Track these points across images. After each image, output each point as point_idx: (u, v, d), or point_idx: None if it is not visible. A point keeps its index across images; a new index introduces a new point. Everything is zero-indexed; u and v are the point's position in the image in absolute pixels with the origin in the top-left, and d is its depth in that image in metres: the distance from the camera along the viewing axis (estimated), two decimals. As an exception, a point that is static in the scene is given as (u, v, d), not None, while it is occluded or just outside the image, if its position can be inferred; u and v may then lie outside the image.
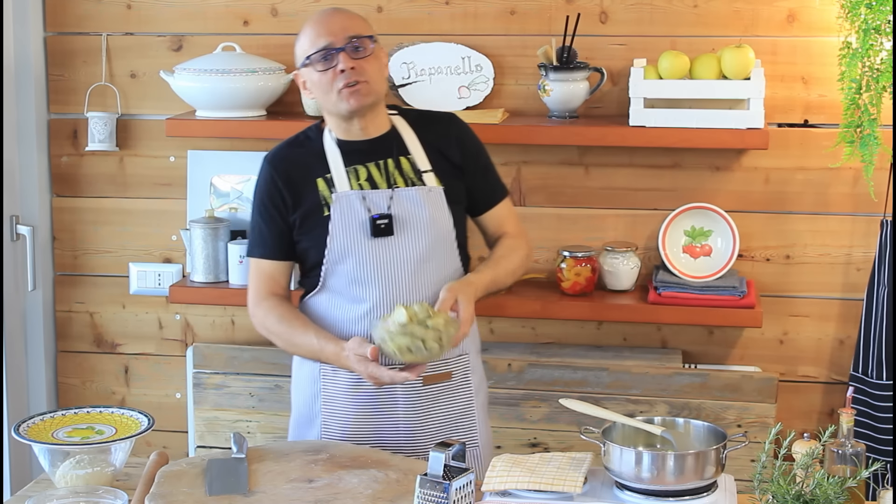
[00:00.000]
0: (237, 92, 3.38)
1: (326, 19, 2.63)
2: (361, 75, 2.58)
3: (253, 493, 2.29)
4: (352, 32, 2.59)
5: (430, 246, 2.63)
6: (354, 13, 2.68)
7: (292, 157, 2.70)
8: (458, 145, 2.72)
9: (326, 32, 2.59)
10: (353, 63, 2.57)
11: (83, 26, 3.64)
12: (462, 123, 2.77)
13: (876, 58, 3.06)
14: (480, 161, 2.76)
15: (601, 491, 2.31)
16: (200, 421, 3.50)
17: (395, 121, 2.71)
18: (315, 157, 2.67)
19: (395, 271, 2.61)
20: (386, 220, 2.60)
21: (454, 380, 2.69)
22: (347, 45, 2.58)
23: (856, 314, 3.36)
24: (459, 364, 2.69)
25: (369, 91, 2.60)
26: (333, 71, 2.58)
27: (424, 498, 2.10)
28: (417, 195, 2.63)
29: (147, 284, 3.69)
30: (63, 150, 3.71)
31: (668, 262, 3.35)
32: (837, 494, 2.12)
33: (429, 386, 2.65)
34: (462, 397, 2.70)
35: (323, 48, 2.58)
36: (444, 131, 2.73)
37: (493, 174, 2.80)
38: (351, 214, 2.61)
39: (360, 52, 2.59)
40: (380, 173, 2.65)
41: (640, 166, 3.44)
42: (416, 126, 2.71)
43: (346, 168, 2.65)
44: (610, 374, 3.30)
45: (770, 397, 3.24)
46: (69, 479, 2.39)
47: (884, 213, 3.30)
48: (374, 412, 2.65)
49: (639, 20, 3.39)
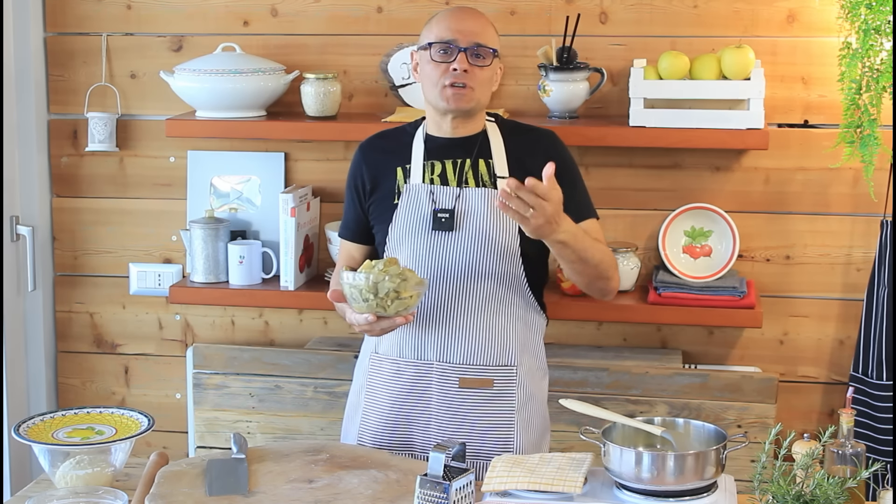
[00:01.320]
0: (237, 92, 3.38)
1: (461, 15, 2.68)
2: (471, 80, 2.63)
3: (253, 494, 2.29)
4: (479, 39, 2.65)
5: (488, 247, 2.64)
6: (489, 21, 2.72)
7: (381, 145, 2.80)
8: (544, 159, 2.60)
9: (456, 28, 2.65)
10: (467, 66, 2.62)
11: (83, 26, 3.64)
12: (556, 140, 2.76)
13: (876, 58, 3.06)
14: (566, 176, 2.62)
15: (601, 491, 2.31)
16: (200, 421, 3.50)
17: (488, 126, 2.74)
18: (402, 147, 2.74)
19: (449, 266, 2.64)
20: (447, 214, 2.64)
21: (495, 388, 2.66)
22: (470, 47, 2.63)
23: (856, 314, 3.36)
24: (504, 375, 2.66)
25: (472, 98, 2.64)
26: (447, 66, 2.63)
27: (424, 498, 2.10)
28: (485, 196, 2.65)
29: (147, 285, 3.69)
30: (63, 150, 3.71)
31: (668, 262, 3.35)
32: (837, 495, 2.12)
33: (465, 389, 2.65)
34: (502, 409, 2.66)
35: (447, 41, 2.64)
36: (534, 143, 2.73)
37: (582, 194, 2.74)
38: (416, 206, 2.67)
39: (478, 59, 2.64)
40: (454, 171, 2.69)
41: (640, 166, 3.44)
42: (507, 134, 2.73)
43: (424, 161, 2.70)
44: (610, 375, 3.30)
45: (770, 397, 3.24)
46: (69, 479, 2.39)
47: (884, 214, 3.30)
48: (410, 408, 2.66)
49: (638, 20, 3.39)
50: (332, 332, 3.64)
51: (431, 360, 2.65)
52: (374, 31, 3.50)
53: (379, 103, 3.54)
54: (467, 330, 2.64)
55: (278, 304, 3.48)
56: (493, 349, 2.66)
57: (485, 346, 2.65)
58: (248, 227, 3.60)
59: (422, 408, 2.66)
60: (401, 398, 2.67)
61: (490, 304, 2.65)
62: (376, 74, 3.52)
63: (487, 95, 2.71)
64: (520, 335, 2.69)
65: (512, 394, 2.67)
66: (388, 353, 2.70)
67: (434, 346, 2.65)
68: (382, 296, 2.47)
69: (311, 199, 3.51)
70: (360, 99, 3.55)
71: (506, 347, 2.67)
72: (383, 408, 2.69)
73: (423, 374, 2.65)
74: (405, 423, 2.67)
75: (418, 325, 2.65)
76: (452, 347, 2.64)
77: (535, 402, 2.72)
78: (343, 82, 3.49)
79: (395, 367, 2.68)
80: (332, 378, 3.38)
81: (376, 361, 2.72)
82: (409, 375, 2.66)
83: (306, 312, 3.64)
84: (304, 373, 3.42)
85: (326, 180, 3.56)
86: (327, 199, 3.57)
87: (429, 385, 2.65)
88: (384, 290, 2.47)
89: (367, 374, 2.74)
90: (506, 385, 2.66)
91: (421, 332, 2.66)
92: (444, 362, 2.64)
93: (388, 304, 2.48)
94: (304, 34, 3.53)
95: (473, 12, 2.73)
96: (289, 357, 3.43)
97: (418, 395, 2.66)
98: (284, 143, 3.57)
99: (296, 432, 3.43)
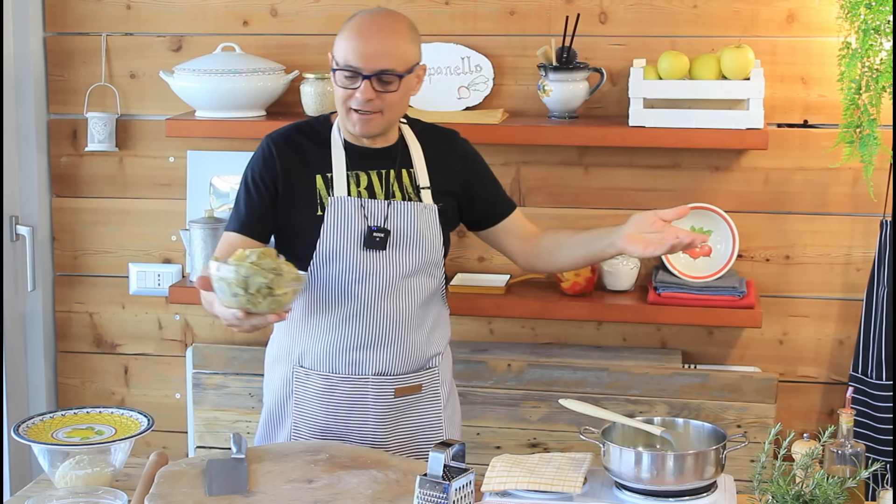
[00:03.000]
0: (237, 92, 3.38)
1: (366, 35, 2.51)
2: (378, 106, 2.53)
3: (252, 494, 2.29)
4: (384, 65, 2.49)
5: (418, 263, 2.63)
6: (403, 29, 2.55)
7: (296, 143, 2.64)
8: (461, 163, 2.70)
9: (361, 53, 2.49)
10: (373, 95, 2.51)
11: (83, 26, 3.64)
12: (465, 142, 2.76)
13: (875, 58, 3.06)
14: (488, 176, 2.76)
15: (601, 491, 2.31)
16: (200, 421, 3.50)
17: (403, 130, 2.69)
18: (319, 151, 2.62)
19: (380, 284, 2.60)
20: (382, 234, 2.58)
21: (424, 392, 2.68)
22: (374, 74, 2.50)
23: (855, 314, 3.36)
24: (429, 377, 2.69)
25: (380, 122, 2.56)
26: (353, 91, 2.52)
27: (424, 498, 2.10)
28: (413, 212, 2.62)
29: (147, 285, 3.69)
30: (63, 150, 3.71)
31: (668, 262, 3.35)
32: (837, 495, 2.12)
33: (399, 398, 2.65)
34: (431, 409, 2.70)
35: (350, 68, 2.51)
36: (449, 150, 2.71)
37: (500, 187, 2.80)
38: (346, 221, 2.59)
39: (385, 85, 2.52)
40: (380, 183, 2.63)
41: (640, 166, 3.44)
42: (422, 139, 2.69)
43: (347, 172, 2.62)
44: (609, 375, 3.30)
45: (770, 397, 3.24)
46: (69, 479, 2.39)
47: (883, 214, 3.30)
48: (345, 419, 2.64)
49: (638, 20, 3.39)
50: (332, 332, 3.64)
51: (367, 374, 2.62)
52: (373, 31, 3.49)
53: (378, 103, 3.53)
54: (401, 343, 2.63)
55: (278, 304, 3.48)
56: (423, 356, 2.67)
57: (416, 355, 2.66)
58: (248, 227, 3.60)
59: (358, 417, 2.64)
60: (335, 409, 2.64)
61: (418, 315, 2.65)
62: (376, 74, 3.52)
63: (401, 112, 2.61)
64: (440, 336, 2.72)
65: (437, 391, 2.70)
66: (317, 368, 2.64)
67: (369, 361, 2.62)
68: (253, 292, 2.23)
69: (310, 199, 3.51)
70: (360, 99, 3.54)
71: (432, 352, 2.69)
72: (317, 418, 2.65)
73: (359, 388, 2.63)
74: (342, 430, 2.65)
75: (350, 341, 2.61)
76: (388, 361, 2.63)
77: (453, 390, 2.79)
78: (343, 82, 3.48)
79: (326, 381, 2.64)
80: (332, 378, 3.38)
81: (301, 375, 2.66)
82: (344, 389, 2.63)
83: (306, 312, 3.64)
84: (303, 373, 3.41)
85: (326, 180, 3.56)
86: (327, 199, 3.57)
87: (364, 397, 2.63)
88: (255, 286, 2.23)
89: (292, 385, 2.68)
90: (432, 385, 2.70)
91: (353, 349, 2.61)
92: (380, 375, 2.62)
93: (258, 301, 2.24)
94: (304, 34, 3.53)
95: (384, 27, 2.53)
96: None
97: (354, 406, 2.64)
98: (284, 143, 3.57)
99: (295, 432, 3.43)
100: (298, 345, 2.67)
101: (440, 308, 2.74)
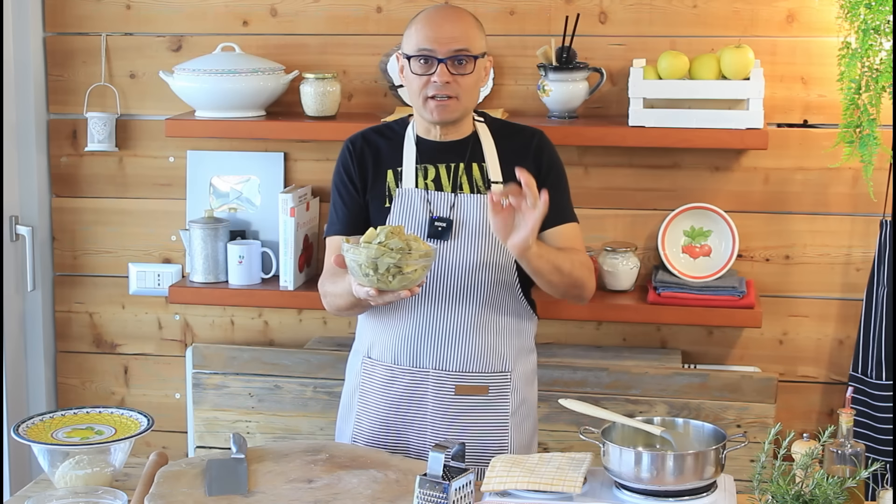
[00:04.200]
0: (236, 92, 3.38)
1: (438, 22, 2.57)
2: (454, 90, 2.56)
3: (252, 494, 2.29)
4: (458, 45, 2.55)
5: (484, 255, 2.61)
6: (470, 18, 2.62)
7: (370, 142, 2.70)
8: (534, 161, 2.65)
9: (434, 37, 2.55)
10: (449, 77, 2.55)
11: (82, 26, 3.64)
12: (546, 140, 2.72)
13: (875, 58, 3.06)
14: (550, 178, 2.65)
15: (600, 491, 2.31)
16: (200, 421, 3.50)
17: (478, 127, 2.70)
18: (392, 147, 2.68)
19: (444, 275, 2.61)
20: (444, 223, 2.60)
21: (490, 395, 2.66)
22: (449, 58, 2.55)
23: (855, 314, 3.36)
24: (499, 381, 2.66)
25: (457, 108, 2.59)
26: (428, 78, 2.56)
27: (424, 498, 2.10)
28: (478, 204, 2.62)
29: (146, 285, 3.69)
30: (62, 150, 3.71)
31: (668, 262, 3.35)
32: (837, 495, 2.12)
33: (460, 396, 2.63)
34: (497, 413, 2.66)
35: (425, 53, 2.55)
36: (525, 145, 2.69)
37: (565, 197, 2.71)
38: (411, 212, 2.63)
39: (460, 67, 2.56)
40: (448, 176, 2.65)
41: (640, 166, 3.44)
42: (497, 136, 2.69)
43: (416, 165, 2.65)
44: (609, 375, 3.30)
45: (769, 397, 3.24)
46: (69, 479, 2.39)
47: (883, 214, 3.30)
48: (405, 412, 2.65)
49: (638, 20, 3.39)
50: (332, 332, 3.64)
51: (427, 367, 2.63)
52: (373, 31, 3.50)
53: (378, 103, 3.54)
54: (463, 338, 2.63)
55: (278, 303, 3.48)
56: (489, 357, 2.65)
57: (480, 354, 2.64)
58: (248, 227, 3.60)
59: (417, 412, 2.65)
60: (396, 403, 2.66)
61: (485, 312, 2.64)
62: (376, 74, 3.52)
63: (475, 99, 2.66)
64: (514, 340, 2.69)
65: (506, 399, 2.67)
66: (382, 359, 2.68)
67: (429, 354, 2.63)
68: (383, 272, 2.34)
69: (310, 198, 3.51)
70: (360, 99, 3.55)
71: (501, 354, 2.66)
72: (378, 411, 2.68)
73: (419, 381, 2.64)
74: (401, 425, 2.66)
75: (413, 333, 2.63)
76: (448, 356, 2.63)
77: (526, 404, 2.73)
78: (342, 82, 3.49)
79: (389, 372, 2.66)
80: (332, 378, 3.38)
81: (368, 366, 2.70)
82: (404, 382, 2.65)
83: (306, 312, 3.64)
84: (303, 373, 3.42)
85: (326, 180, 3.54)
86: (327, 198, 3.55)
87: (424, 392, 2.64)
88: (384, 266, 2.33)
89: (360, 377, 2.72)
90: (501, 391, 2.66)
91: (416, 340, 2.63)
92: (439, 370, 2.63)
93: (389, 280, 2.35)
94: (304, 34, 3.53)
95: (453, 14, 2.61)
96: (288, 357, 3.43)
97: (414, 400, 2.65)
98: (284, 143, 3.57)
99: (295, 432, 3.43)
100: (368, 336, 2.70)
101: (519, 313, 2.70)
